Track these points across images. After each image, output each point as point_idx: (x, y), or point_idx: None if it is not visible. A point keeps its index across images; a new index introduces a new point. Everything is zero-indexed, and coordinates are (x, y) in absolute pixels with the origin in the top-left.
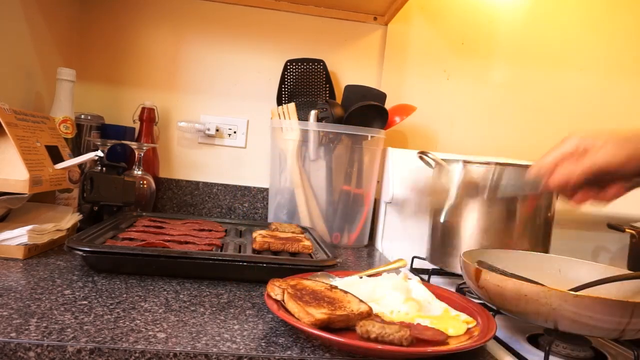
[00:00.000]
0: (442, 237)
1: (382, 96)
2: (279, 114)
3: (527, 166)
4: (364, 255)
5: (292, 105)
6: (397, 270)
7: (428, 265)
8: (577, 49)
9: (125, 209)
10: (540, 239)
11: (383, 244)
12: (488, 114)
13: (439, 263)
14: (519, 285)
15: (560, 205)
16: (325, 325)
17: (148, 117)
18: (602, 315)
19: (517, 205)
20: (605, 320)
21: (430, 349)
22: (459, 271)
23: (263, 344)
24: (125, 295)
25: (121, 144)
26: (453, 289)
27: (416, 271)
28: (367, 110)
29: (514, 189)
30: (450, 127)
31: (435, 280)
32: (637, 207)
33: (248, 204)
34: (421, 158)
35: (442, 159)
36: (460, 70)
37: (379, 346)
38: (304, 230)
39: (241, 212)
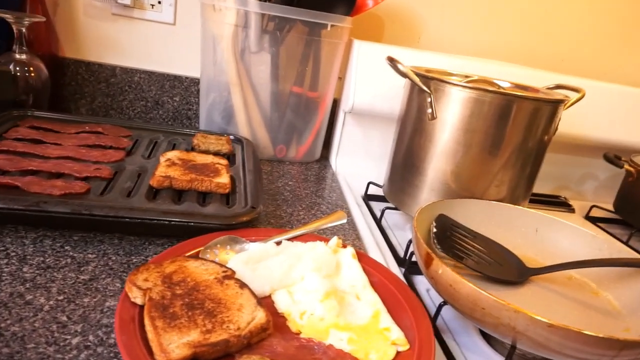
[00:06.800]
0: (404, 171)
1: None
2: None
3: (519, 97)
4: (311, 174)
5: None
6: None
7: (382, 192)
8: None
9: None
10: (522, 188)
11: (338, 160)
12: (489, 5)
13: (395, 201)
14: (477, 295)
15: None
16: None
17: None
18: (583, 347)
19: (502, 144)
20: (586, 352)
21: None
22: None
23: None
24: None
25: None
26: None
27: (370, 198)
28: None
29: None
30: (440, 16)
31: (389, 216)
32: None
33: (179, 98)
34: (391, 65)
35: (416, 73)
36: None
37: None
38: (237, 143)
39: (171, 108)
